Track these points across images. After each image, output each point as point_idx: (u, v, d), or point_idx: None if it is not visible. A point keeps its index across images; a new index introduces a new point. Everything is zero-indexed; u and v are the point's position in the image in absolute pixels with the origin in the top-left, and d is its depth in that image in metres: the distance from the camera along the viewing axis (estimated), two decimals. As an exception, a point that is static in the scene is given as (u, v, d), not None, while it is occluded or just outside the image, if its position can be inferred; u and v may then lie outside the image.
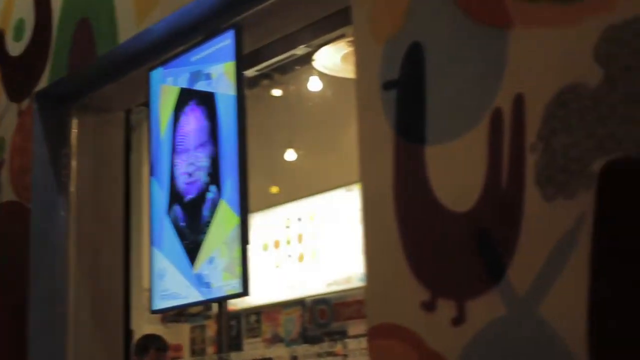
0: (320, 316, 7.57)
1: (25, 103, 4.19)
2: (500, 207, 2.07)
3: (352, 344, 4.29)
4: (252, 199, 3.15)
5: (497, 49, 2.12)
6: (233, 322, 8.09)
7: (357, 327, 6.79)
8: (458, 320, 2.13)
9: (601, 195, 1.87)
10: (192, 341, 8.46)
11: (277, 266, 7.72)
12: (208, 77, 3.35)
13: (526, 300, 1.98)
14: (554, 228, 1.94)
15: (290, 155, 7.76)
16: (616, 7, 1.89)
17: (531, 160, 2.01)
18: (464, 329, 2.12)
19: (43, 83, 4.06)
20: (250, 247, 3.11)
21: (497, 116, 2.10)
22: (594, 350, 1.84)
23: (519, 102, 2.05)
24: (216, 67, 3.31)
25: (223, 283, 3.17)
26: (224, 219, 3.19)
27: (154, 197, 3.61)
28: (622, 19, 1.87)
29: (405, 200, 2.31)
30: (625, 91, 1.85)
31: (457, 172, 2.19)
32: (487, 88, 2.13)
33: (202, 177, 3.33)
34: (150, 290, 3.57)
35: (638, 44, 1.84)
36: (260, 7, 3.14)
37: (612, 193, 1.86)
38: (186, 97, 3.47)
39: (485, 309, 2.07)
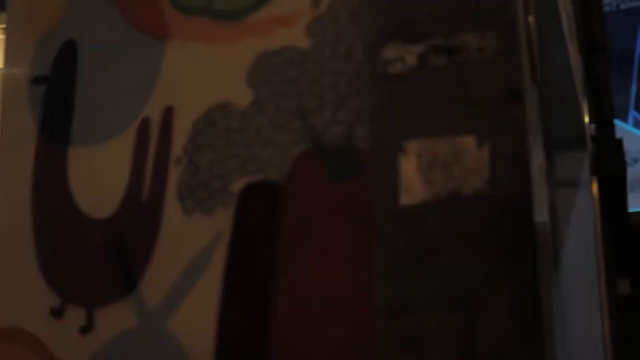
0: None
1: None
2: (138, 217, 2.05)
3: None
4: None
5: (152, 59, 2.10)
6: None
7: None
8: (86, 329, 2.08)
9: (238, 215, 1.90)
10: None
11: None
12: None
13: (156, 314, 1.97)
14: (191, 244, 1.95)
15: None
16: (271, 34, 1.94)
17: (175, 174, 2.01)
18: (92, 339, 2.07)
19: None
20: None
21: (145, 126, 2.08)
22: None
23: (168, 115, 2.05)
24: None
25: None
26: None
27: None
28: (276, 46, 1.92)
29: (44, 202, 2.22)
30: (271, 116, 1.90)
31: (98, 178, 2.14)
32: (138, 96, 2.10)
33: None
34: None
35: (288, 72, 1.90)
36: None
37: (249, 214, 1.90)
38: None
39: (115, 319, 2.04)
